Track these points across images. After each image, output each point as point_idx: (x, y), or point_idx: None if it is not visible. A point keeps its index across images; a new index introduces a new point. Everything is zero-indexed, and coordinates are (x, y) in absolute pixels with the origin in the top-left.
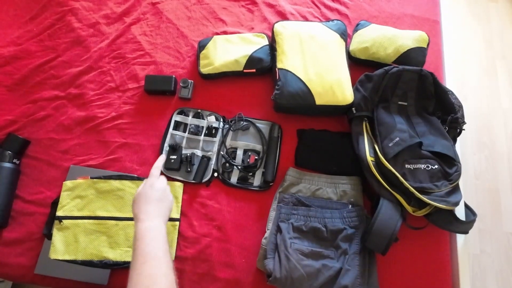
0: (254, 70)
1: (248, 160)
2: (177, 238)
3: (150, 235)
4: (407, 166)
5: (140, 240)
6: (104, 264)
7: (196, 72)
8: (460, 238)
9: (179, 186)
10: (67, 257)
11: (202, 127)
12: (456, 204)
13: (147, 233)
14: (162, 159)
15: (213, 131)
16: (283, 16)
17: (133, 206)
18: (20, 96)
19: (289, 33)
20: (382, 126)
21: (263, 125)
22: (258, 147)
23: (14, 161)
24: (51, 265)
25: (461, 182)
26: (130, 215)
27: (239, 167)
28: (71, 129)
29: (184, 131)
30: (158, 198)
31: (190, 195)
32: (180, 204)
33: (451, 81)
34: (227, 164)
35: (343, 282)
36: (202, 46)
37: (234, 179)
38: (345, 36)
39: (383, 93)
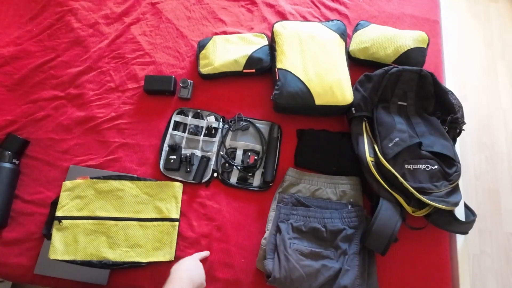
0: (253, 70)
1: (248, 160)
2: (177, 238)
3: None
4: (406, 166)
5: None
6: (103, 264)
7: (196, 72)
8: (460, 238)
9: (178, 186)
10: (67, 257)
11: (202, 127)
12: (456, 204)
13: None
14: (207, 253)
15: (213, 131)
16: (282, 16)
17: (174, 266)
18: (20, 96)
19: (288, 33)
20: (381, 126)
21: (262, 125)
22: (258, 147)
23: (13, 161)
24: (51, 265)
25: (461, 183)
26: (129, 215)
27: (239, 167)
28: (70, 129)
29: (184, 131)
30: (197, 280)
31: (189, 195)
32: (179, 205)
33: (451, 81)
34: (227, 164)
35: (343, 283)
36: (201, 46)
37: (233, 179)
38: (345, 36)
39: (383, 93)
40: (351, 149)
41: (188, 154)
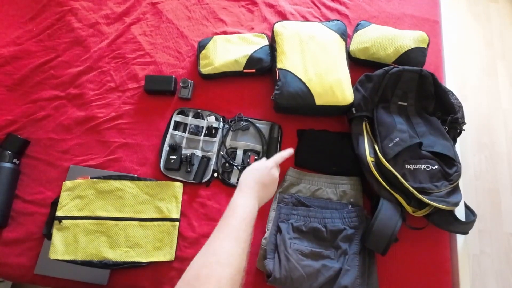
0: (254, 70)
1: (248, 160)
2: (177, 238)
3: (244, 214)
4: (407, 166)
5: (233, 212)
6: (103, 264)
7: (196, 72)
8: (460, 238)
9: (179, 186)
10: (67, 257)
11: (202, 127)
12: (456, 204)
13: (242, 210)
14: (290, 152)
15: (213, 131)
16: (283, 16)
17: (243, 174)
18: (20, 96)
19: (289, 33)
20: (382, 126)
21: (263, 125)
22: (258, 147)
23: (14, 161)
24: (51, 265)
25: (461, 183)
26: (130, 215)
27: (239, 167)
28: (71, 129)
29: (184, 131)
30: (268, 183)
31: (190, 195)
32: (180, 204)
33: (451, 81)
34: (227, 164)
35: (343, 283)
36: (202, 46)
37: (234, 179)
38: (345, 36)
39: (383, 93)
40: (351, 149)
41: (188, 154)
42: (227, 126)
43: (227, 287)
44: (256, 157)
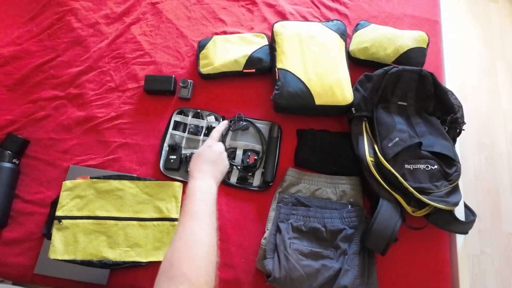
0: (253, 70)
1: (248, 160)
2: None
3: (200, 195)
4: (406, 166)
5: (189, 198)
6: (103, 264)
7: (196, 72)
8: (459, 238)
9: (178, 186)
10: (67, 257)
11: (202, 127)
12: (456, 204)
13: (197, 192)
14: (224, 123)
15: None
16: (283, 16)
17: (189, 164)
18: (20, 96)
19: (288, 33)
20: (381, 126)
21: (262, 125)
22: (258, 147)
23: (13, 161)
24: (51, 265)
25: (460, 183)
26: (129, 215)
27: (239, 167)
28: (70, 129)
29: (184, 131)
30: (213, 159)
31: None
32: (179, 204)
33: (451, 81)
34: None
35: (343, 282)
36: (201, 46)
37: (233, 179)
38: (345, 36)
39: (383, 93)
40: (351, 149)
41: (188, 154)
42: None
43: (202, 261)
44: (255, 157)
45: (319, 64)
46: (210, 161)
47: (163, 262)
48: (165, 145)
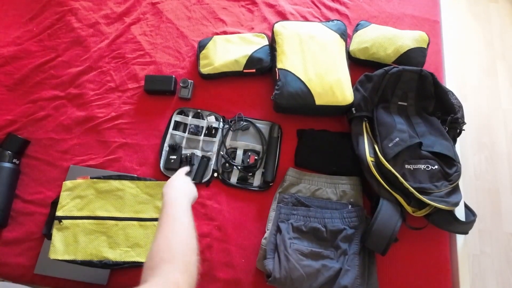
0: (254, 70)
1: (248, 160)
2: None
3: (176, 204)
4: (407, 166)
5: (167, 206)
6: (103, 264)
7: (196, 72)
8: (460, 238)
9: None
10: (67, 257)
11: (202, 127)
12: (456, 204)
13: (174, 202)
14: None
15: (213, 131)
16: (283, 16)
17: (165, 189)
18: (20, 96)
19: (289, 33)
20: (382, 126)
21: (263, 125)
22: (258, 147)
23: (14, 161)
24: (51, 265)
25: (461, 183)
26: (129, 215)
27: (239, 167)
28: (71, 129)
29: (184, 131)
30: (192, 196)
31: None
32: None
33: (451, 81)
34: (227, 164)
35: (343, 283)
36: (202, 46)
37: (234, 179)
38: (345, 36)
39: (383, 93)
40: (351, 149)
41: (188, 154)
42: (227, 126)
43: (180, 248)
44: (256, 157)
45: (319, 64)
46: (188, 195)
47: (145, 261)
48: (166, 145)
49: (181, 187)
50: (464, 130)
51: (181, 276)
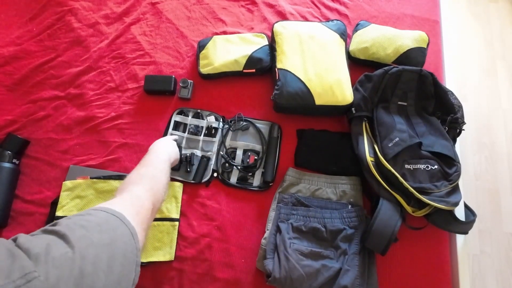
0: (253, 70)
1: (248, 160)
2: (177, 238)
3: (157, 154)
4: (406, 166)
5: (147, 154)
6: None
7: (196, 72)
8: (460, 238)
9: (178, 186)
10: None
11: (202, 127)
12: (456, 204)
13: (154, 152)
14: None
15: (213, 131)
16: (283, 16)
17: (152, 145)
18: (20, 96)
19: (288, 33)
20: (381, 126)
21: (262, 125)
22: (258, 147)
23: (13, 161)
24: None
25: (460, 183)
26: None
27: (239, 167)
28: (70, 129)
29: (184, 131)
30: (173, 157)
31: (189, 195)
32: (179, 204)
33: (451, 81)
34: (227, 164)
35: (343, 283)
36: (201, 46)
37: (233, 179)
38: (345, 36)
39: (383, 93)
40: (351, 149)
41: (188, 154)
42: (227, 126)
43: (148, 177)
44: (255, 157)
45: (319, 64)
46: (170, 153)
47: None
48: None
49: (165, 146)
50: (464, 130)
51: (145, 192)
